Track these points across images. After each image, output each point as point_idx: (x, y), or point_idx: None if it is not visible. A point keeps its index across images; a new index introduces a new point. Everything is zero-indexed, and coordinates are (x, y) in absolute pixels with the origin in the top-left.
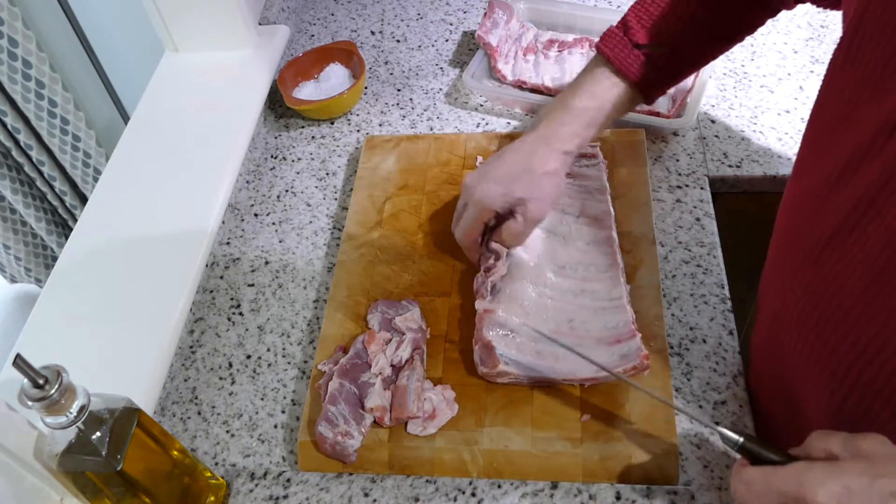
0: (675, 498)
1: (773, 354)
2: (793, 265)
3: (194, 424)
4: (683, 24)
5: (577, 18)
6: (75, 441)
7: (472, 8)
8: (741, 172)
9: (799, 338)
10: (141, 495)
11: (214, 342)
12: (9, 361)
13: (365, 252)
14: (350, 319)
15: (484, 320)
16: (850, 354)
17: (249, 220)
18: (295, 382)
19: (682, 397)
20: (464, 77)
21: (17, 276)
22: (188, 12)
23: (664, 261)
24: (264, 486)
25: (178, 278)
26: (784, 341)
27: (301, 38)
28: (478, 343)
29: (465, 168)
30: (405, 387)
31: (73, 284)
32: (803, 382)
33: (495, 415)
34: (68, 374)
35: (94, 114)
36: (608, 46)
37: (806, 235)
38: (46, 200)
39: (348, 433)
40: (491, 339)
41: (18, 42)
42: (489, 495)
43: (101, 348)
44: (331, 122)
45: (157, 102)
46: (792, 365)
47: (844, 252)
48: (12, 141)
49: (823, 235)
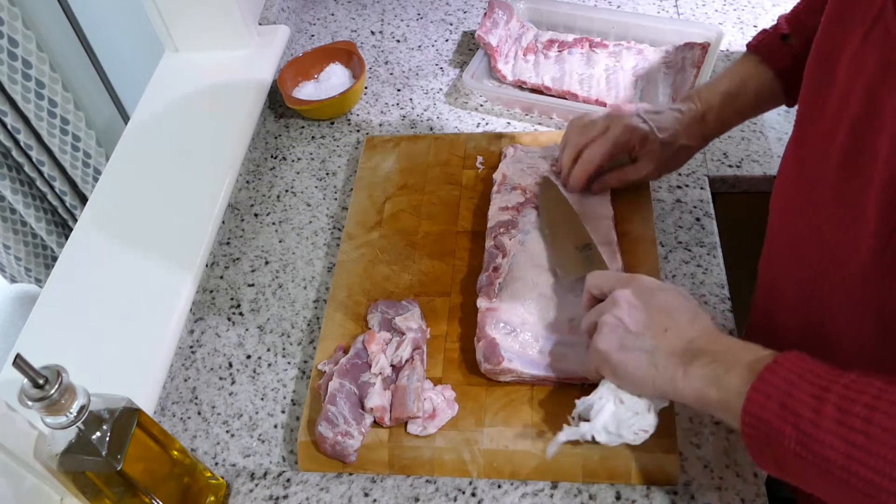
0: (675, 498)
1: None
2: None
3: (194, 424)
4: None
5: (577, 18)
6: (75, 441)
7: (472, 8)
8: (741, 172)
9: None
10: (141, 495)
11: (214, 342)
12: (9, 361)
13: (365, 252)
14: (350, 319)
15: (487, 318)
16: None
17: (249, 220)
18: (295, 382)
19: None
20: (464, 77)
21: (17, 276)
22: (188, 12)
23: (664, 261)
24: (264, 486)
25: (178, 278)
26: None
27: (301, 38)
28: (481, 340)
29: (465, 168)
30: (405, 387)
31: (73, 284)
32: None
33: (495, 415)
34: (68, 374)
35: (94, 114)
36: (756, 40)
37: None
38: (46, 200)
39: (348, 433)
40: (495, 336)
41: (18, 42)
42: (489, 495)
43: (101, 348)
44: (331, 122)
45: (157, 102)
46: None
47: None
48: (12, 141)
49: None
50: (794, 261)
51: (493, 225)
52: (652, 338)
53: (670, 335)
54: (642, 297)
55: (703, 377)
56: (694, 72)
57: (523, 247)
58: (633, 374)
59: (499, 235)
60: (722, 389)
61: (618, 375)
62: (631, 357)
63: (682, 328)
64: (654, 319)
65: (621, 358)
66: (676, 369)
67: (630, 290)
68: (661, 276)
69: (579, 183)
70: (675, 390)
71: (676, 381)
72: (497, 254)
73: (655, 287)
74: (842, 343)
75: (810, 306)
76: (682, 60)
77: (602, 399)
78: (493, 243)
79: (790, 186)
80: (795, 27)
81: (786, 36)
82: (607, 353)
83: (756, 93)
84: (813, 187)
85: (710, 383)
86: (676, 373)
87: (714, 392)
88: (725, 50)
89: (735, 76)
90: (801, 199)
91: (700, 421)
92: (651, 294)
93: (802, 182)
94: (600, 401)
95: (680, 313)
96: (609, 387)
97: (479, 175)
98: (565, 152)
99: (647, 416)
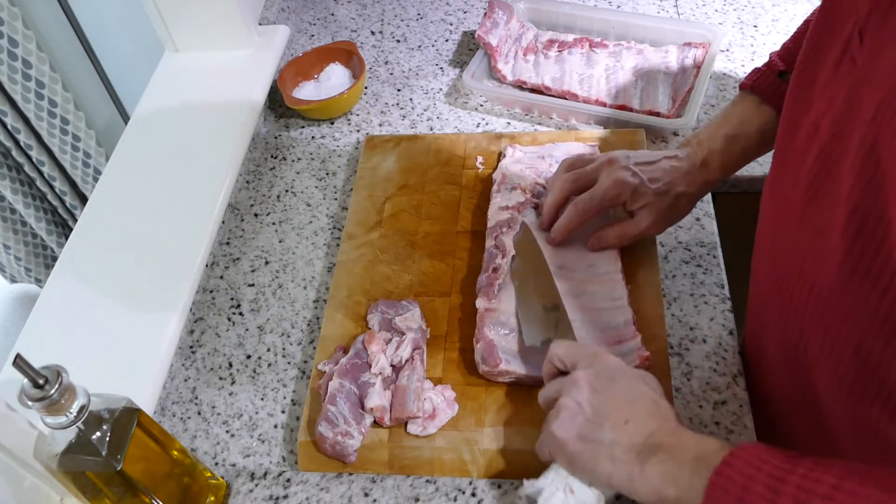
0: None
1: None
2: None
3: (194, 424)
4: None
5: (577, 18)
6: (75, 441)
7: (472, 8)
8: (741, 172)
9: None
10: (141, 495)
11: (214, 342)
12: (9, 361)
13: (365, 252)
14: (350, 319)
15: (485, 319)
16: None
17: (249, 220)
18: (295, 382)
19: (682, 397)
20: (464, 77)
21: (17, 276)
22: (188, 12)
23: (664, 261)
24: (264, 486)
25: (178, 278)
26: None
27: (301, 38)
28: (479, 342)
29: (465, 168)
30: (405, 387)
31: (73, 284)
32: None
33: (495, 415)
34: (68, 374)
35: (94, 114)
36: (750, 79)
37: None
38: (46, 200)
39: (348, 433)
40: (493, 337)
41: (18, 42)
42: (489, 495)
43: (102, 348)
44: (331, 122)
45: (157, 102)
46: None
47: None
48: (12, 141)
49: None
50: (773, 271)
51: (494, 225)
52: (611, 429)
53: (630, 428)
54: (605, 381)
55: (660, 475)
56: (694, 72)
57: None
58: (589, 466)
59: (500, 235)
60: (679, 487)
61: (573, 465)
62: (588, 448)
63: (642, 421)
64: (616, 409)
65: (578, 448)
66: (633, 466)
67: (593, 371)
68: (661, 275)
69: (561, 237)
70: (631, 488)
71: (634, 478)
72: (497, 254)
73: (619, 371)
74: (819, 364)
75: (788, 321)
76: (682, 60)
77: (551, 485)
78: (493, 243)
79: (768, 201)
80: (790, 63)
81: (783, 73)
82: (564, 442)
83: (759, 133)
84: (785, 207)
85: (667, 481)
86: (633, 470)
87: (672, 490)
88: (725, 50)
89: (734, 118)
90: (776, 217)
91: (700, 421)
92: (613, 379)
93: (778, 199)
94: (550, 486)
95: (642, 404)
96: (560, 473)
97: (479, 175)
98: (549, 198)
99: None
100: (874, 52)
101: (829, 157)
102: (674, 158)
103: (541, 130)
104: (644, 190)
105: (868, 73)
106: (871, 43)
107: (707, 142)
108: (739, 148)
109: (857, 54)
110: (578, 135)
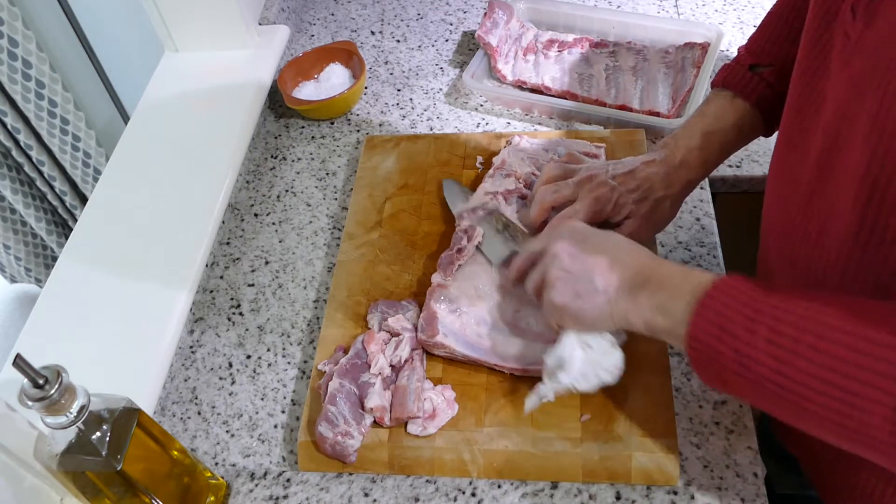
0: (675, 498)
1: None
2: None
3: (194, 424)
4: (782, 40)
5: (577, 18)
6: (75, 441)
7: (472, 8)
8: (741, 172)
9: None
10: (141, 495)
11: (214, 342)
12: (9, 361)
13: (365, 252)
14: (350, 319)
15: (436, 292)
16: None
17: (249, 220)
18: (295, 382)
19: (682, 397)
20: (464, 77)
21: (17, 276)
22: (188, 12)
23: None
24: (264, 486)
25: (178, 278)
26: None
27: (301, 38)
28: (424, 311)
29: (465, 168)
30: (405, 387)
31: (73, 284)
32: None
33: (495, 415)
34: (68, 374)
35: (94, 114)
36: (721, 75)
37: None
38: (46, 200)
39: (348, 433)
40: (437, 310)
41: (18, 42)
42: (489, 495)
43: (101, 348)
44: (331, 122)
45: (157, 102)
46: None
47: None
48: (12, 141)
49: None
50: (785, 248)
51: (471, 207)
52: (599, 276)
53: (616, 269)
54: (578, 243)
55: (651, 306)
56: (694, 72)
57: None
58: (592, 317)
59: (472, 217)
60: (668, 317)
61: (579, 322)
62: (587, 301)
63: (623, 260)
64: (597, 260)
65: (579, 305)
66: (627, 301)
67: (564, 239)
68: None
69: (538, 217)
70: (627, 322)
71: (629, 312)
72: (463, 237)
73: (586, 230)
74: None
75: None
76: (682, 60)
77: (570, 348)
78: (464, 225)
79: (774, 187)
80: (760, 57)
81: (753, 66)
82: (564, 305)
83: (736, 127)
84: (794, 186)
85: (657, 311)
86: (628, 305)
87: (661, 319)
88: (725, 50)
89: (709, 115)
90: (784, 198)
91: (700, 421)
92: (585, 238)
93: (786, 180)
94: (568, 350)
95: (618, 249)
96: (572, 336)
97: (479, 175)
98: (532, 211)
99: (614, 353)
100: (867, 25)
101: (839, 133)
102: (651, 164)
103: (541, 130)
104: (623, 201)
105: (861, 46)
106: (863, 17)
107: (685, 141)
108: (717, 143)
109: (851, 29)
110: (578, 135)
